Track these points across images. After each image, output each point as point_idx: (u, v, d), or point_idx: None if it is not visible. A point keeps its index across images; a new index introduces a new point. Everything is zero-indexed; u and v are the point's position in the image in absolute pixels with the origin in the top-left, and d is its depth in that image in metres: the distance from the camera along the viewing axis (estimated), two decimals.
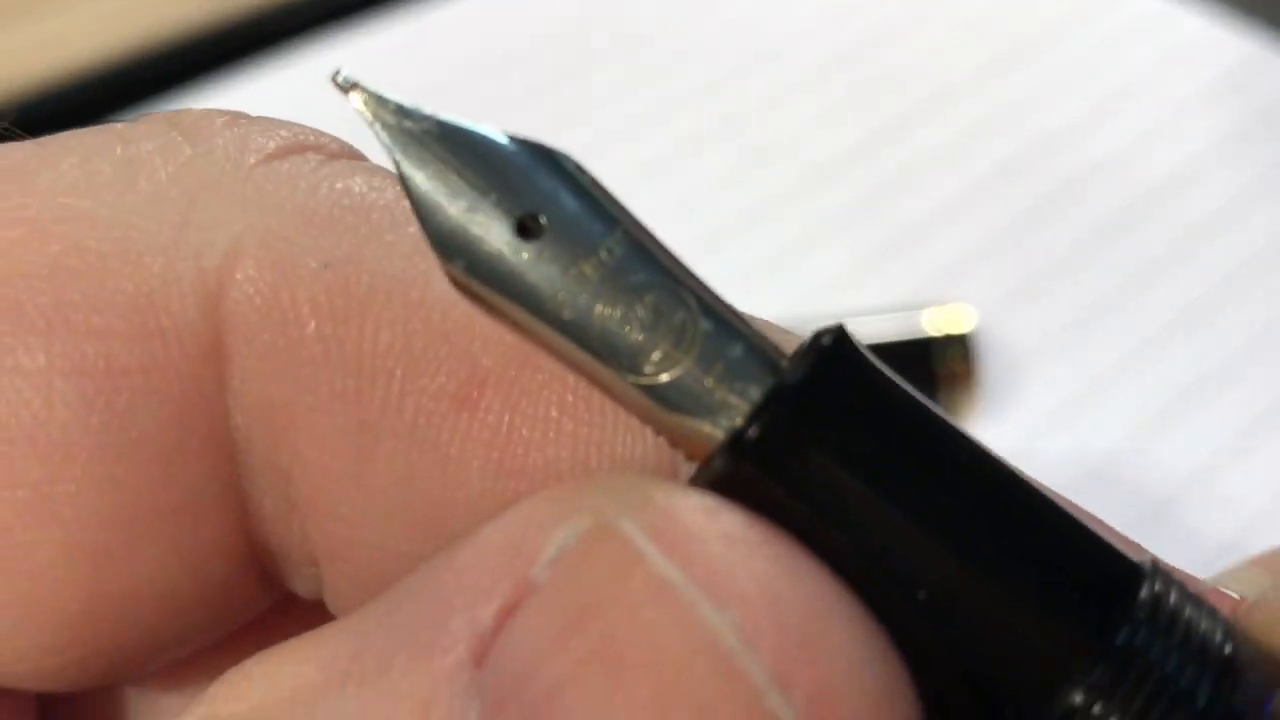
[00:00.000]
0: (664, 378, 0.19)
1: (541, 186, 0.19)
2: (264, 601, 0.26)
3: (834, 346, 0.19)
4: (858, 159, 0.86)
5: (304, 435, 0.23)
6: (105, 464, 0.22)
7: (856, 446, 0.19)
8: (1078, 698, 0.18)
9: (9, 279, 0.22)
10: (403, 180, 0.20)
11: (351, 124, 0.30)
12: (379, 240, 0.23)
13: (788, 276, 0.78)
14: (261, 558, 0.25)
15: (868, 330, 0.71)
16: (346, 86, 0.20)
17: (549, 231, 0.19)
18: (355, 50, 0.91)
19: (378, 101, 0.20)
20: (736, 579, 0.17)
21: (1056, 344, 0.76)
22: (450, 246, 0.19)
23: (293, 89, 0.88)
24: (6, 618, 0.23)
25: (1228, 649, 0.18)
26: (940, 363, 0.70)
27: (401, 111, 0.20)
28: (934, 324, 0.71)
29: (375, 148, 0.22)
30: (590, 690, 0.17)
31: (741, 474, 0.19)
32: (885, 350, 0.71)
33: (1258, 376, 0.74)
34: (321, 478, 0.23)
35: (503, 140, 0.20)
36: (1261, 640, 0.19)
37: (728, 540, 0.18)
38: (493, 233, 0.19)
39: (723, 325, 0.20)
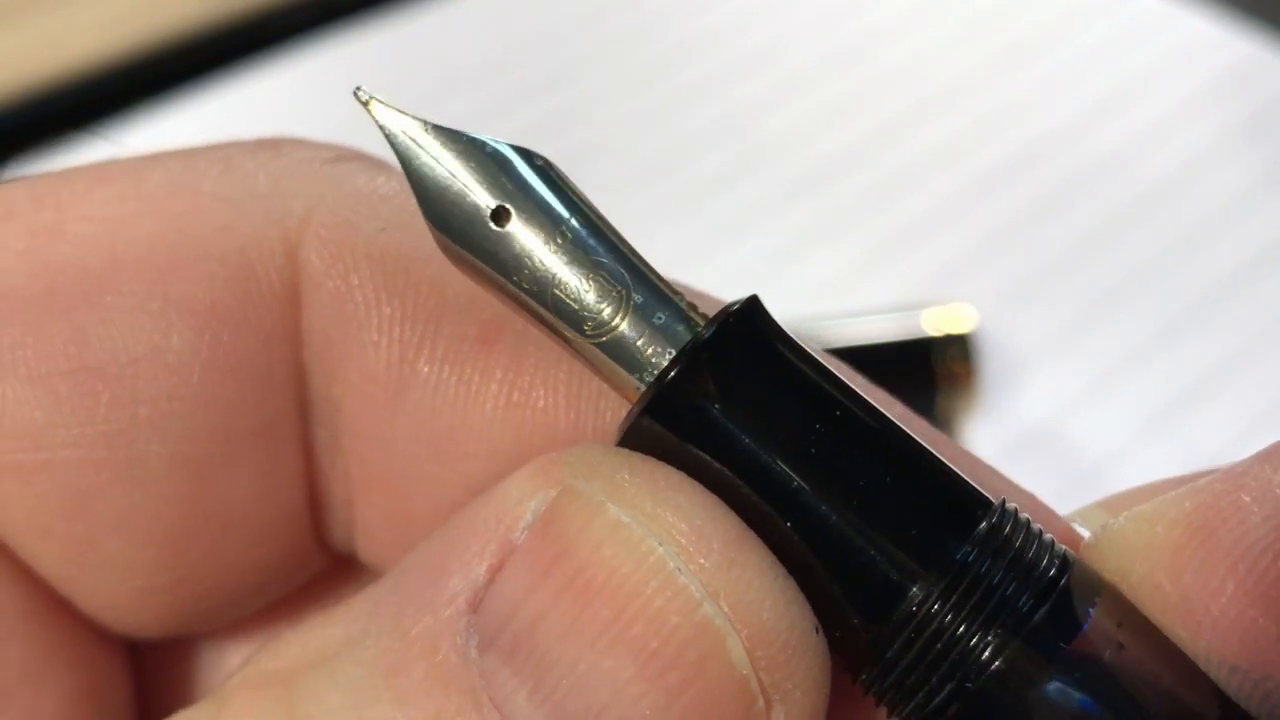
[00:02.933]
0: (604, 338, 0.24)
1: (514, 180, 0.24)
2: (315, 560, 0.31)
3: (739, 315, 0.24)
4: (858, 159, 0.86)
5: (354, 367, 0.28)
6: (210, 385, 0.27)
7: (752, 394, 0.23)
8: (918, 600, 0.23)
9: (130, 241, 0.27)
10: (405, 171, 0.25)
11: (348, 123, 0.31)
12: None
13: (788, 276, 0.78)
14: (314, 503, 0.30)
15: (868, 330, 0.71)
16: (364, 100, 0.25)
17: (516, 218, 0.24)
18: (354, 51, 0.91)
19: (386, 110, 0.25)
20: (671, 519, 0.23)
21: (1056, 344, 0.76)
22: (441, 225, 0.24)
23: (291, 89, 0.88)
24: (120, 531, 0.27)
25: (1051, 573, 0.23)
26: (940, 362, 0.70)
27: (405, 118, 0.25)
28: (934, 324, 0.71)
29: (376, 147, 0.27)
30: (564, 614, 0.22)
31: (654, 426, 0.24)
32: (885, 350, 0.72)
33: (1257, 376, 0.74)
34: (365, 405, 0.28)
35: (484, 141, 0.25)
36: (1089, 566, 0.24)
37: (661, 491, 0.23)
38: (473, 218, 0.24)
39: (654, 297, 0.24)
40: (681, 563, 0.22)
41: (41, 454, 0.27)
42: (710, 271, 0.78)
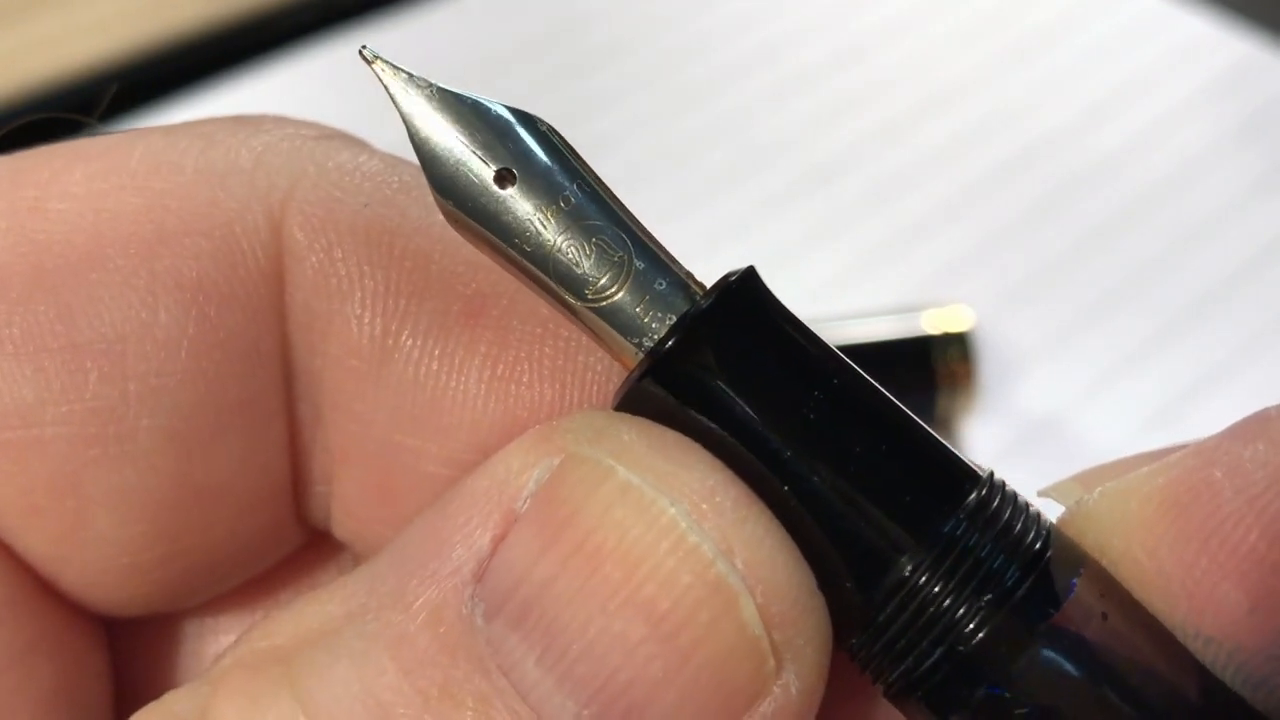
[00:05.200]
0: (604, 303, 0.24)
1: (518, 144, 0.24)
2: (293, 536, 0.31)
3: (739, 284, 0.24)
4: (858, 159, 0.86)
5: (336, 340, 0.28)
6: (198, 360, 0.27)
7: (750, 360, 0.23)
8: (907, 569, 0.23)
9: (114, 218, 0.27)
10: (409, 133, 0.24)
11: (350, 124, 0.31)
12: (407, 193, 0.28)
13: (788, 276, 0.79)
14: (295, 476, 0.30)
15: (868, 330, 0.71)
16: (370, 59, 0.24)
17: (520, 181, 0.24)
18: (356, 53, 0.91)
19: (393, 71, 0.24)
20: (681, 481, 0.22)
21: (1055, 343, 0.76)
22: (444, 188, 0.24)
23: (293, 90, 0.88)
24: (109, 507, 0.27)
25: (1037, 546, 0.23)
26: (939, 362, 0.70)
27: (411, 80, 0.25)
28: (933, 324, 0.71)
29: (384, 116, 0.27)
30: (573, 578, 0.22)
31: (654, 391, 0.24)
32: (885, 350, 0.72)
33: (1256, 376, 0.74)
34: (347, 377, 0.28)
35: (489, 105, 0.24)
36: (1072, 539, 0.24)
37: (671, 451, 0.23)
38: (476, 180, 0.24)
39: (654, 264, 0.24)
40: (693, 522, 0.22)
41: (32, 431, 0.26)
42: (710, 271, 0.78)
